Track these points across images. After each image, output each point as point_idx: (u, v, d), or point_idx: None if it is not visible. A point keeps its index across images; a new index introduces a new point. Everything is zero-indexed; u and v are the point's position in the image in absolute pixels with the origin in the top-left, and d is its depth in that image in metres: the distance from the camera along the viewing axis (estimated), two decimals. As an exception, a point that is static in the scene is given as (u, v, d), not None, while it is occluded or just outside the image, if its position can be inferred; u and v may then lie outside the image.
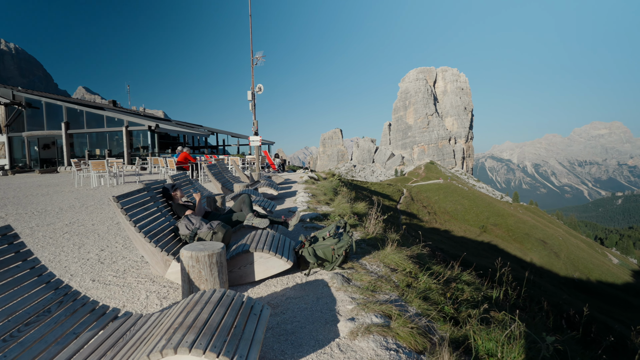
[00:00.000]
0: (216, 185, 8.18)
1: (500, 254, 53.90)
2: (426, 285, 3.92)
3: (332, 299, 3.23)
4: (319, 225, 5.97)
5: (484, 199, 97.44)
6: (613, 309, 41.44)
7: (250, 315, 2.25)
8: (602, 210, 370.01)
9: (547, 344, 2.88)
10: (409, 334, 2.60)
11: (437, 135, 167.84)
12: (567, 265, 63.11)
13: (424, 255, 5.33)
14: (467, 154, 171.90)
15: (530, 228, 75.92)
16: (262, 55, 14.25)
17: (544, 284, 39.35)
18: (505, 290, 5.40)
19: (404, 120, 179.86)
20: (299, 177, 13.73)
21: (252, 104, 14.74)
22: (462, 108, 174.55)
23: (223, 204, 5.43)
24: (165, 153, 24.70)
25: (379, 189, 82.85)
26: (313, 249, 3.90)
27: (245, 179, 10.70)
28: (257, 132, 14.23)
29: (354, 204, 8.49)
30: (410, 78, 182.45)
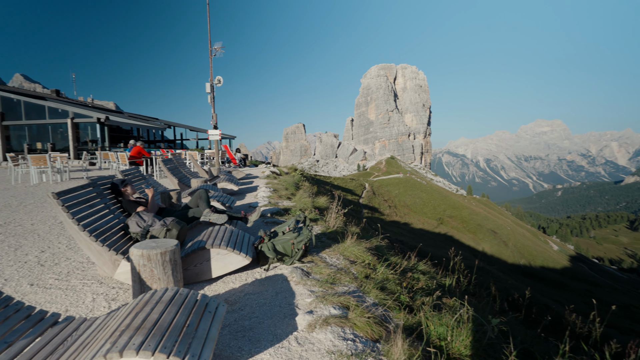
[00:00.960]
0: (172, 181, 7.84)
1: (455, 244, 56.88)
2: (384, 276, 4.04)
3: (291, 293, 3.23)
4: (280, 220, 5.93)
5: (440, 192, 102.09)
6: (553, 291, 45.34)
7: (204, 313, 2.18)
8: (545, 201, 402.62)
9: (492, 325, 3.08)
10: (366, 323, 2.66)
11: (397, 131, 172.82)
12: (514, 253, 67.99)
13: (383, 247, 5.48)
14: (426, 150, 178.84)
15: (482, 219, 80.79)
16: (221, 46, 13.79)
17: (494, 271, 42.10)
18: (457, 278, 5.70)
19: (365, 116, 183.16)
20: (261, 172, 13.55)
21: (211, 96, 14.26)
22: (420, 105, 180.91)
23: (179, 200, 5.22)
24: (117, 147, 23.25)
25: (342, 183, 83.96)
26: (272, 244, 3.87)
27: (203, 174, 10.36)
28: (216, 126, 13.80)
29: (315, 198, 8.52)
30: (371, 74, 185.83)
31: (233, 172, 11.73)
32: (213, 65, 14.46)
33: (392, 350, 2.30)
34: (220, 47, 13.82)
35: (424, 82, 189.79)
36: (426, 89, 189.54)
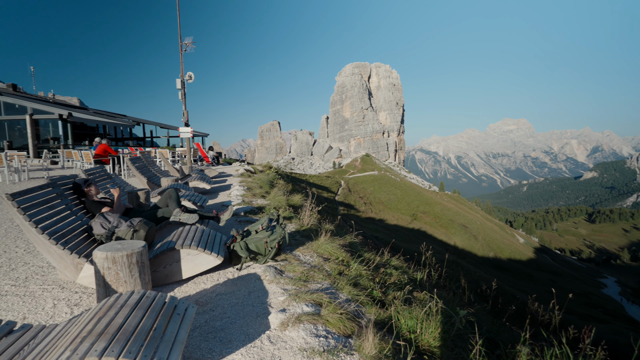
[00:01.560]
0: (141, 180, 7.56)
1: (428, 239, 58.51)
2: (357, 272, 4.09)
3: (264, 292, 3.21)
4: (253, 218, 5.87)
5: (414, 189, 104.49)
6: (519, 281, 47.61)
7: (173, 315, 2.13)
8: (512, 196, 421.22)
9: (460, 317, 3.20)
10: (339, 319, 2.69)
11: (372, 129, 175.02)
12: (484, 246, 70.76)
13: (356, 244, 5.54)
14: (399, 147, 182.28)
15: (454, 214, 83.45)
16: (191, 41, 13.41)
17: (465, 264, 43.66)
18: (428, 272, 5.87)
19: (341, 113, 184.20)
20: (235, 171, 13.33)
21: (182, 93, 13.86)
22: (394, 103, 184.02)
23: (148, 200, 5.05)
24: (82, 145, 22.15)
25: (318, 181, 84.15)
26: (245, 243, 3.82)
27: (174, 172, 10.07)
28: (187, 123, 13.43)
29: (290, 196, 8.49)
30: (346, 72, 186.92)
31: (205, 171, 11.47)
32: (184, 61, 14.06)
33: (363, 345, 2.34)
34: (191, 42, 13.44)
35: (397, 81, 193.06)
36: (399, 87, 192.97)
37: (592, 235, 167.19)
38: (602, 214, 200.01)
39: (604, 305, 45.04)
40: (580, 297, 48.44)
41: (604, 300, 50.06)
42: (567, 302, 13.83)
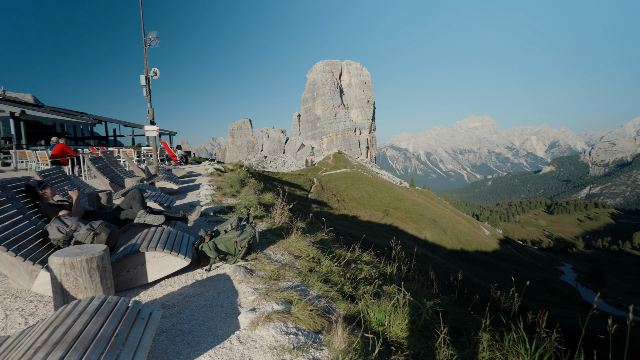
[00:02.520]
0: (102, 181, 7.22)
1: (400, 234, 59.96)
2: (328, 269, 4.13)
3: (234, 292, 3.17)
4: (223, 218, 5.77)
5: (386, 185, 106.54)
6: (485, 272, 49.84)
7: (136, 320, 2.06)
8: (478, 191, 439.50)
9: (427, 308, 3.31)
10: (309, 316, 2.70)
11: (343, 127, 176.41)
12: (452, 239, 73.40)
13: (328, 241, 5.59)
14: (371, 144, 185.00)
15: (424, 209, 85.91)
16: (156, 35, 12.90)
17: (435, 257, 45.14)
18: (398, 265, 6.03)
19: (312, 111, 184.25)
20: (204, 170, 13.01)
21: (147, 89, 13.33)
22: (365, 101, 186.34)
23: (110, 202, 4.84)
24: (37, 145, 20.81)
25: (291, 179, 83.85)
26: (214, 243, 3.76)
27: (140, 172, 9.69)
28: (153, 121, 12.94)
29: (261, 195, 8.42)
30: (317, 70, 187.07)
31: (173, 170, 11.12)
32: (149, 57, 13.52)
33: (332, 340, 2.37)
34: (156, 36, 12.93)
35: (367, 79, 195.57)
36: (370, 85, 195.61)
37: (551, 226, 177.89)
38: (560, 206, 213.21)
39: (561, 291, 48.09)
40: (541, 284, 51.45)
41: (561, 286, 53.44)
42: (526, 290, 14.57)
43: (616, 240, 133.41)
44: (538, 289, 45.27)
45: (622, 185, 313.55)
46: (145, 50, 13.25)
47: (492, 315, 3.11)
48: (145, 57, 13.24)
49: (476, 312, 5.25)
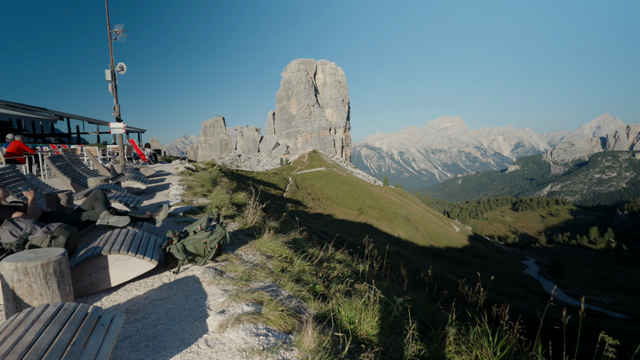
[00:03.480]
0: (63, 181, 6.84)
1: (374, 231, 60.86)
2: (300, 268, 4.12)
3: (202, 294, 3.10)
4: (193, 219, 5.62)
5: (360, 184, 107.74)
6: (455, 267, 51.54)
7: (96, 327, 1.97)
8: (448, 189, 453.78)
9: (396, 304, 3.37)
10: (279, 316, 2.68)
11: (318, 125, 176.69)
12: (424, 236, 75.35)
13: (300, 240, 5.58)
14: (346, 143, 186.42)
15: (397, 207, 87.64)
16: (122, 29, 12.36)
17: (408, 254, 46.17)
18: (370, 263, 6.11)
19: (287, 110, 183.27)
20: (175, 169, 12.62)
21: (113, 85, 12.76)
22: (340, 100, 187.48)
23: (70, 203, 4.59)
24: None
25: (265, 178, 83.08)
26: (182, 245, 3.65)
27: (105, 172, 9.26)
28: (119, 118, 12.39)
29: (234, 194, 8.28)
30: (292, 68, 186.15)
31: (141, 169, 10.71)
32: (116, 51, 12.94)
33: (303, 340, 2.37)
34: (122, 30, 12.38)
35: (342, 78, 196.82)
36: (345, 85, 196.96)
37: (516, 222, 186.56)
38: (524, 203, 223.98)
39: (525, 284, 50.55)
40: (507, 278, 53.84)
41: (525, 279, 56.17)
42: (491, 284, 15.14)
43: (575, 235, 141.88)
44: (504, 283, 47.35)
45: (580, 183, 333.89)
46: (110, 44, 12.67)
47: (458, 310, 3.22)
48: (111, 51, 12.66)
49: (445, 307, 5.41)
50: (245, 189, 11.77)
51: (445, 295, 5.76)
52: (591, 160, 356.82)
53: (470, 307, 4.75)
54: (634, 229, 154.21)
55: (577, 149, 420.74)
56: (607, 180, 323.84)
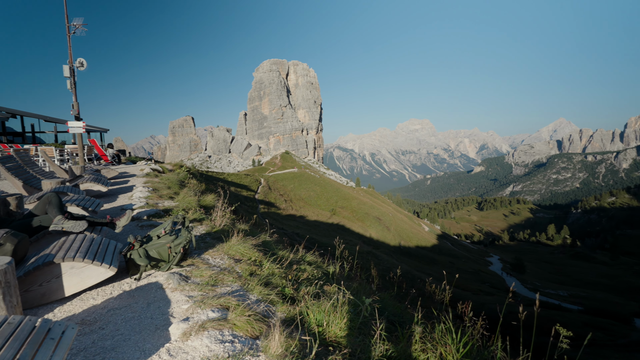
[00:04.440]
0: (14, 184, 6.36)
1: (346, 232, 61.40)
2: (269, 271, 4.06)
3: (166, 301, 2.97)
4: (158, 222, 5.41)
5: (332, 185, 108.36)
6: (425, 266, 52.99)
7: (44, 341, 1.84)
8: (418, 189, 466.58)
9: (365, 305, 3.39)
10: (246, 322, 2.62)
11: (291, 127, 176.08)
12: (395, 236, 76.90)
13: (270, 242, 5.51)
14: (318, 145, 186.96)
15: (369, 208, 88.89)
16: (82, 22, 11.71)
17: (379, 254, 46.91)
18: (341, 264, 6.13)
19: (259, 110, 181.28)
20: (140, 170, 12.10)
21: (71, 81, 12.05)
22: (312, 101, 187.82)
23: (21, 207, 4.28)
24: None
25: (237, 179, 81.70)
26: (145, 250, 3.49)
27: (62, 173, 8.73)
28: (79, 117, 11.72)
29: (202, 196, 8.06)
30: (264, 69, 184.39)
31: (102, 171, 10.18)
32: (78, 45, 12.25)
33: (270, 345, 2.32)
34: (82, 23, 11.73)
35: (314, 80, 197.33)
36: (317, 86, 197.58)
37: (481, 221, 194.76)
38: (488, 203, 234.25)
39: (490, 280, 52.83)
40: (473, 274, 56.03)
41: (490, 276, 58.71)
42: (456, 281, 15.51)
43: (534, 232, 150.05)
44: (471, 279, 49.23)
45: (539, 183, 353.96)
46: (68, 37, 11.97)
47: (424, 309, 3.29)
48: (69, 46, 11.96)
49: (413, 306, 5.54)
50: (215, 191, 11.50)
51: (413, 293, 5.89)
52: (548, 162, 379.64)
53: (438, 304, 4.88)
54: (587, 226, 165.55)
55: (536, 151, 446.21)
56: (563, 180, 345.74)
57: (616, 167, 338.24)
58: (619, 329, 27.83)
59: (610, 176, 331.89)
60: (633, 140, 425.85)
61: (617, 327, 28.39)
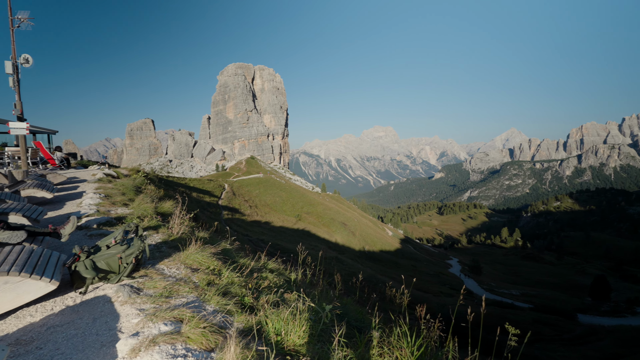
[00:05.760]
0: (-57, 190, 5.72)
1: (312, 238, 61.40)
2: (229, 280, 3.96)
3: (114, 316, 2.80)
4: (109, 231, 5.10)
5: (298, 190, 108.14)
6: (388, 269, 54.13)
7: (-34, 366, 1.66)
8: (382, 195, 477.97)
9: (325, 312, 3.40)
10: (201, 334, 2.53)
11: (256, 131, 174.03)
12: (360, 241, 77.96)
13: (231, 250, 5.38)
14: (284, 150, 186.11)
15: (334, 213, 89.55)
16: (27, 16, 10.88)
17: (344, 259, 47.32)
18: (304, 271, 6.11)
19: (224, 114, 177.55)
20: (91, 175, 11.36)
21: (15, 79, 11.13)
22: (278, 107, 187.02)
23: (-52, 216, 3.86)
24: None
25: (199, 185, 79.19)
26: (92, 261, 3.27)
27: (1, 178, 8.00)
28: (22, 117, 10.81)
29: (160, 203, 7.71)
30: (229, 72, 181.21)
31: (48, 176, 9.44)
32: (26, 40, 11.35)
33: (225, 357, 2.26)
34: (27, 17, 10.89)
35: (281, 85, 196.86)
36: (283, 91, 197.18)
37: (442, 225, 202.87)
38: (448, 207, 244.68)
39: (450, 282, 54.96)
40: (434, 277, 58.04)
41: (450, 278, 61.09)
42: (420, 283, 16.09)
43: (490, 235, 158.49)
44: (432, 282, 50.95)
45: (494, 189, 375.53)
46: (12, 32, 11.07)
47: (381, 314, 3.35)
48: (13, 40, 11.06)
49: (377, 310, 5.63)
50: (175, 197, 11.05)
51: (375, 298, 5.99)
52: (502, 169, 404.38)
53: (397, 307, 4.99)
54: (536, 229, 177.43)
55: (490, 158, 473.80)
56: (515, 186, 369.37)
57: (560, 174, 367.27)
58: (564, 324, 29.98)
59: (555, 182, 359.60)
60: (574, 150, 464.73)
61: (562, 322, 30.58)
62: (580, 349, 22.00)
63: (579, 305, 43.30)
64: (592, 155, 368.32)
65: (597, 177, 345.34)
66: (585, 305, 43.82)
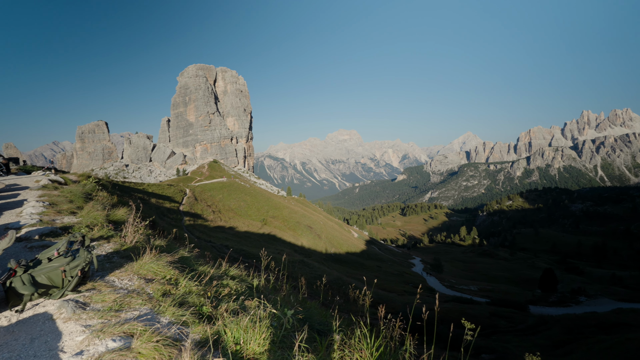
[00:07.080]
0: None
1: (278, 242, 60.81)
2: (186, 289, 3.80)
3: (55, 334, 2.58)
4: (53, 242, 4.72)
5: (263, 194, 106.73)
6: (354, 271, 54.83)
7: None
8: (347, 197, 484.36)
9: (287, 317, 3.35)
10: (154, 348, 2.40)
11: (219, 134, 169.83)
12: (326, 244, 78.32)
13: (190, 258, 5.18)
14: (248, 153, 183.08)
15: (300, 217, 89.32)
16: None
17: (311, 262, 47.28)
18: (267, 276, 6.02)
19: (184, 117, 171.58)
20: (35, 182, 10.48)
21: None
22: (242, 109, 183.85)
23: None
24: None
25: (158, 190, 75.81)
26: (30, 276, 3.00)
27: None
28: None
29: (113, 210, 7.27)
30: (189, 73, 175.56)
31: (-15, 183, 8.58)
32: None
33: (178, 372, 2.15)
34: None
35: (244, 87, 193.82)
36: (247, 94, 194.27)
37: (405, 226, 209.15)
38: (410, 208, 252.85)
39: (414, 280, 56.66)
40: (398, 276, 59.58)
41: (413, 276, 62.98)
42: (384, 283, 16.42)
43: (450, 234, 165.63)
44: (396, 281, 52.26)
45: (452, 190, 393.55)
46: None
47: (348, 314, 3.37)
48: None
49: (339, 312, 5.65)
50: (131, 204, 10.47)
51: (338, 300, 6.02)
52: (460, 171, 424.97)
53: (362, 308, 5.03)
54: (491, 227, 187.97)
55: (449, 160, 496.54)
56: (471, 187, 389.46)
57: (512, 175, 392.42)
58: (518, 316, 31.89)
59: (507, 183, 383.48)
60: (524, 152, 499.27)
61: (516, 314, 32.52)
62: (532, 338, 23.51)
63: (530, 298, 46.32)
64: (539, 157, 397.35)
65: (543, 177, 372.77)
66: (536, 297, 46.94)
